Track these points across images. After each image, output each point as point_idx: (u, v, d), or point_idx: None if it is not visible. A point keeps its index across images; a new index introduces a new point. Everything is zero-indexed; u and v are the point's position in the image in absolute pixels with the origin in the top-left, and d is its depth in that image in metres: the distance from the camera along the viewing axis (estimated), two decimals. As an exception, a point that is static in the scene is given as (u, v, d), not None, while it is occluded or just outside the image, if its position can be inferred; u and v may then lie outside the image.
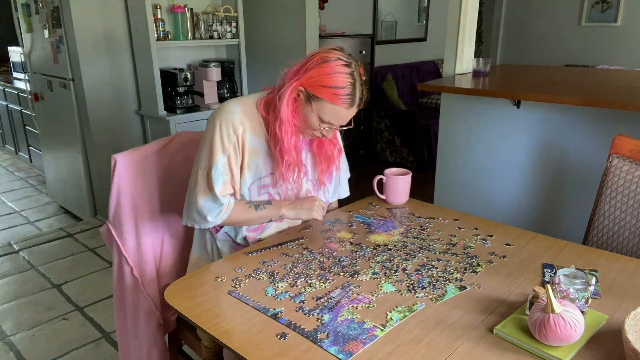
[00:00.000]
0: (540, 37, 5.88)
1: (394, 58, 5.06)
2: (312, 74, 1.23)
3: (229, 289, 1.12)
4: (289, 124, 1.27)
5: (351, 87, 1.23)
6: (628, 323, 0.86)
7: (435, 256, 1.26)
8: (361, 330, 0.96)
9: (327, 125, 1.28)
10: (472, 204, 2.75)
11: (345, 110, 1.25)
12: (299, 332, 0.96)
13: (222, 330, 0.98)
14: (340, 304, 1.05)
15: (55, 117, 3.49)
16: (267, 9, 3.49)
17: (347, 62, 1.24)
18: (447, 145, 2.82)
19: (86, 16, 3.00)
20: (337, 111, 1.25)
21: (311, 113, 1.26)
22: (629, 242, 1.50)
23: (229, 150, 1.28)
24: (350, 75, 1.24)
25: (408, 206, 1.61)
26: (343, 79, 1.22)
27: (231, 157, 1.29)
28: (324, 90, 1.22)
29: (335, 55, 1.24)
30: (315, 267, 1.20)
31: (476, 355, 0.89)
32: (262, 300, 1.07)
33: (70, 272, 2.79)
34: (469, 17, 2.69)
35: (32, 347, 2.16)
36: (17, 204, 3.92)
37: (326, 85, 1.22)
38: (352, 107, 1.26)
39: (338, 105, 1.24)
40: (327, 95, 1.22)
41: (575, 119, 2.30)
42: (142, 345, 1.45)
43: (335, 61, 1.23)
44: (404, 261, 1.23)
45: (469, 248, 1.30)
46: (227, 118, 1.28)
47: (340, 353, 0.90)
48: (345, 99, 1.23)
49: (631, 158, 1.53)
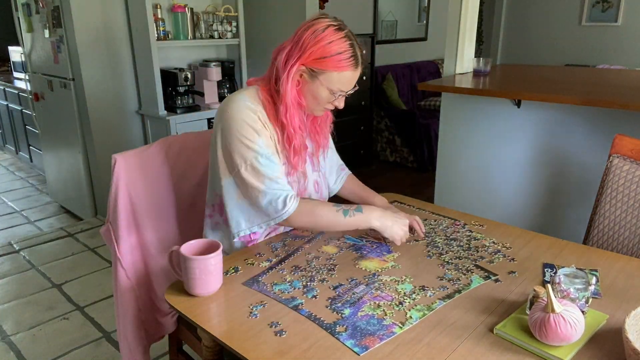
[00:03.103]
0: (540, 37, 5.88)
1: (394, 58, 5.06)
2: (310, 50, 1.21)
3: (231, 287, 1.12)
4: (295, 107, 1.25)
5: (351, 48, 1.22)
6: (628, 323, 0.86)
7: (443, 257, 1.26)
8: (380, 326, 0.98)
9: (339, 93, 1.27)
10: (472, 203, 2.75)
11: (352, 72, 1.24)
12: (318, 323, 0.98)
13: (222, 330, 0.98)
14: (363, 299, 1.07)
15: (55, 116, 3.50)
16: (268, 8, 3.49)
17: (339, 26, 1.23)
18: (448, 145, 2.82)
19: (86, 16, 3.00)
20: (345, 77, 1.24)
21: (321, 87, 1.24)
22: (629, 242, 1.50)
23: (261, 131, 1.23)
24: (347, 38, 1.22)
25: (408, 206, 1.61)
26: (341, 43, 1.21)
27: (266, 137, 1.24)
28: (327, 61, 1.21)
29: (324, 23, 1.22)
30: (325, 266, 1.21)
31: (476, 355, 0.89)
32: (280, 294, 1.08)
33: (71, 272, 2.80)
34: (470, 17, 2.69)
35: (32, 347, 2.16)
36: (17, 203, 3.92)
37: (328, 55, 1.20)
38: (358, 67, 1.25)
39: (345, 70, 1.22)
40: (332, 65, 1.21)
41: (575, 119, 2.30)
42: (132, 349, 1.45)
43: (327, 29, 1.21)
44: (398, 284, 1.13)
45: (473, 247, 1.31)
46: (239, 105, 1.24)
47: (356, 347, 0.91)
48: (350, 62, 1.22)
49: (632, 158, 1.52)
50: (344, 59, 1.21)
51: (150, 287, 1.49)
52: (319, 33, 1.20)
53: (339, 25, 1.23)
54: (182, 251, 1.08)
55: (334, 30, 1.21)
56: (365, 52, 1.29)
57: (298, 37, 1.22)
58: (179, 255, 1.09)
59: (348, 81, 1.26)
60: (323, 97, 1.26)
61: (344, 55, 1.21)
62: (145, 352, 1.48)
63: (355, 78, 1.28)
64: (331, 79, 1.23)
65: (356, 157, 4.51)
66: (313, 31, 1.21)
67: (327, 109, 1.33)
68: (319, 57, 1.21)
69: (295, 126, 1.26)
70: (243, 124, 1.22)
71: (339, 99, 1.30)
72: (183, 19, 3.17)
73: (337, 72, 1.22)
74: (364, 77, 4.36)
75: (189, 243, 1.12)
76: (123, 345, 1.46)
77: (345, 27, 1.24)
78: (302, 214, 1.23)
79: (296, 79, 1.24)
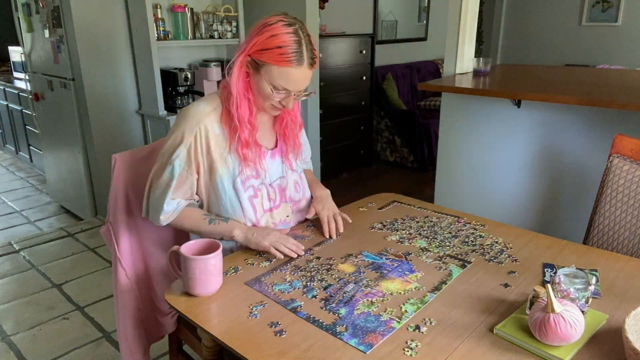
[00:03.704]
0: (540, 37, 5.88)
1: (394, 58, 5.06)
2: (254, 41, 1.20)
3: (231, 287, 1.12)
4: (243, 100, 1.24)
5: (295, 44, 1.18)
6: (628, 323, 0.86)
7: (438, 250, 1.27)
8: (378, 322, 0.98)
9: (283, 91, 1.23)
10: (472, 203, 2.75)
11: (294, 69, 1.20)
12: (317, 325, 0.98)
13: (222, 330, 0.98)
14: (355, 297, 1.07)
15: (55, 116, 3.49)
16: (268, 8, 3.49)
17: (289, 22, 1.20)
18: (448, 145, 2.82)
19: (86, 16, 3.00)
20: (286, 73, 1.20)
21: (262, 81, 1.22)
22: (629, 242, 1.50)
23: (189, 140, 1.25)
24: (294, 34, 1.19)
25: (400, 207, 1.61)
26: (286, 38, 1.18)
27: (191, 148, 1.25)
28: (268, 53, 1.18)
29: (276, 18, 1.21)
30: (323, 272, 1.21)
31: (476, 355, 0.89)
32: (280, 294, 1.09)
33: (71, 272, 2.80)
34: (470, 17, 2.69)
35: (32, 347, 2.16)
36: (17, 203, 3.92)
37: (269, 47, 1.18)
38: (301, 65, 1.20)
39: (285, 65, 1.18)
40: (272, 58, 1.18)
41: (575, 119, 2.30)
42: (132, 349, 1.45)
43: (277, 23, 1.19)
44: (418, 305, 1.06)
45: (471, 244, 1.31)
46: (190, 111, 1.27)
47: (361, 345, 0.92)
48: (291, 57, 1.18)
49: (632, 158, 1.53)
50: (285, 53, 1.18)
51: (150, 287, 1.49)
52: (267, 26, 1.20)
53: (290, 22, 1.21)
54: (182, 251, 1.08)
55: (283, 25, 1.19)
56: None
57: (251, 31, 1.23)
58: (179, 255, 1.09)
59: (291, 79, 1.21)
60: (266, 92, 1.23)
61: (285, 49, 1.18)
62: (146, 352, 1.48)
63: (302, 78, 1.23)
64: (272, 72, 1.20)
65: (356, 157, 4.51)
66: (263, 24, 1.21)
67: (275, 107, 1.29)
68: (260, 49, 1.19)
69: (243, 118, 1.25)
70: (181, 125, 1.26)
71: (286, 99, 1.26)
72: (183, 19, 3.17)
73: (276, 66, 1.19)
74: (364, 77, 4.36)
75: (189, 243, 1.12)
76: (123, 345, 1.46)
77: (298, 25, 1.21)
78: (171, 214, 1.30)
79: (243, 71, 1.23)
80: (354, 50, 4.23)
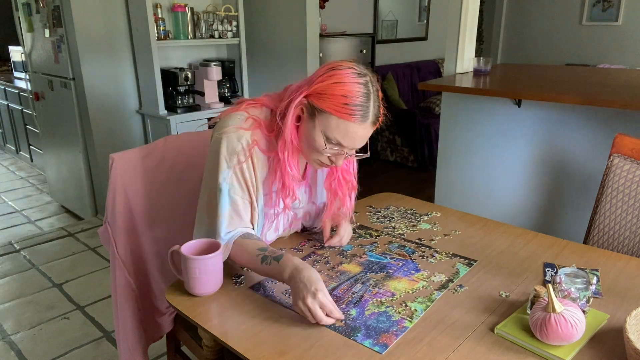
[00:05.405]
0: (541, 36, 5.88)
1: (395, 57, 5.06)
2: (317, 83, 1.06)
3: (237, 293, 1.12)
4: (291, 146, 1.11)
5: (363, 97, 1.05)
6: (629, 322, 0.86)
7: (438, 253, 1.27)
8: (390, 322, 0.98)
9: (336, 146, 1.08)
10: (473, 203, 2.75)
11: (356, 125, 1.05)
12: (331, 328, 0.97)
13: (222, 330, 0.98)
14: (365, 298, 1.07)
15: (56, 116, 3.49)
16: (268, 8, 3.48)
17: (361, 73, 1.07)
18: (448, 145, 2.81)
19: (87, 15, 3.00)
20: (346, 127, 1.05)
21: (316, 130, 1.07)
22: (630, 242, 1.50)
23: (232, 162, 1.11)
24: (363, 85, 1.05)
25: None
26: (354, 88, 1.04)
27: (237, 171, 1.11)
28: (330, 100, 1.04)
29: (347, 64, 1.07)
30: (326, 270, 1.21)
31: (477, 355, 0.89)
32: (284, 297, 1.08)
33: (71, 272, 2.80)
34: (470, 16, 2.69)
35: (32, 347, 2.16)
36: (17, 203, 3.92)
37: (333, 94, 1.04)
38: (365, 122, 1.06)
39: (346, 119, 1.04)
40: (334, 107, 1.04)
41: (576, 118, 2.29)
42: (131, 349, 1.44)
43: (346, 69, 1.06)
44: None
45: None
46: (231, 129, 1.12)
47: (376, 346, 0.92)
48: (356, 111, 1.04)
49: (632, 157, 1.52)
50: (351, 104, 1.04)
51: (148, 287, 1.48)
52: (335, 70, 1.07)
53: (361, 73, 1.07)
54: (182, 251, 1.08)
55: (353, 73, 1.06)
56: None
57: (315, 72, 1.10)
58: (179, 255, 1.09)
59: (350, 135, 1.07)
60: (317, 143, 1.08)
61: (351, 100, 1.03)
62: (145, 352, 1.48)
63: (361, 135, 1.08)
64: (329, 122, 1.06)
65: (356, 157, 4.51)
66: (331, 67, 1.08)
67: (322, 163, 1.14)
68: (321, 92, 1.05)
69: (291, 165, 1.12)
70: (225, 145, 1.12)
71: (337, 155, 1.11)
72: (183, 19, 3.17)
73: (336, 117, 1.05)
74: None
75: (189, 243, 1.12)
76: (122, 346, 1.46)
77: (369, 77, 1.08)
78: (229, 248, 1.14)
79: (297, 113, 1.10)
80: (355, 49, 4.22)
